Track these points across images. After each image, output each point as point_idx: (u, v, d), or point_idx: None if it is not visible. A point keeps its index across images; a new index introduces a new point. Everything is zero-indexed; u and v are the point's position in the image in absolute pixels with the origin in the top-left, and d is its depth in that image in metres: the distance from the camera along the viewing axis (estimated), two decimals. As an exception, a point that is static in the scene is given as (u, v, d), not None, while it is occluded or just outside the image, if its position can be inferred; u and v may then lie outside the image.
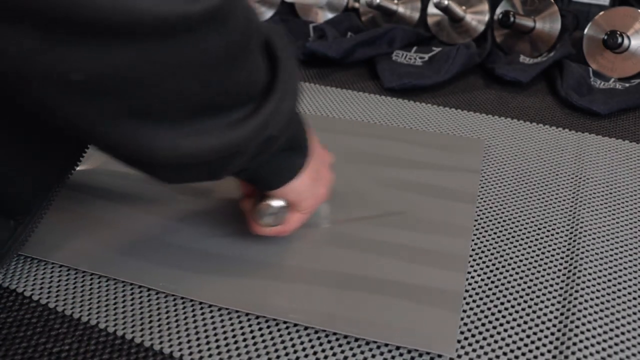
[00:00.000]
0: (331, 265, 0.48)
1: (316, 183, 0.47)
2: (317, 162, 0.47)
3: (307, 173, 0.45)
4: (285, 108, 0.38)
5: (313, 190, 0.47)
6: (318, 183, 0.47)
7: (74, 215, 0.54)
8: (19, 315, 0.44)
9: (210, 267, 0.48)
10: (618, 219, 0.55)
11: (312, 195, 0.47)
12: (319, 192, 0.48)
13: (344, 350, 0.42)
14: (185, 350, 0.41)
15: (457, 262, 0.49)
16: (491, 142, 0.69)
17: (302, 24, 1.02)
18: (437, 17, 0.97)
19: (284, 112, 0.38)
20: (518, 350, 0.42)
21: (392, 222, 0.54)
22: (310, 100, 0.78)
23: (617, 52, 0.84)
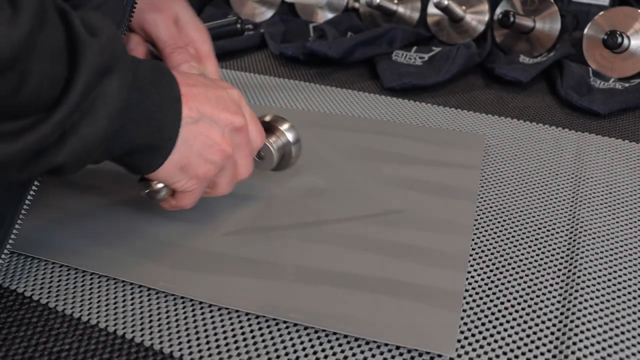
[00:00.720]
0: (331, 264, 0.48)
1: (187, 168, 0.45)
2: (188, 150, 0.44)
3: (169, 166, 0.44)
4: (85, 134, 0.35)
5: (184, 175, 0.45)
6: (191, 167, 0.45)
7: (73, 215, 0.54)
8: (19, 314, 0.44)
9: (210, 267, 0.48)
10: (618, 219, 0.55)
11: (184, 179, 0.46)
12: (196, 174, 0.46)
13: (344, 350, 0.42)
14: (185, 350, 0.41)
15: (457, 261, 0.49)
16: (491, 142, 0.69)
17: (302, 24, 1.02)
18: (437, 17, 0.97)
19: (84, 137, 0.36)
20: (518, 350, 0.42)
21: (391, 221, 0.54)
22: (310, 100, 0.78)
23: (617, 52, 0.84)
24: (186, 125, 0.44)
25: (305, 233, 0.52)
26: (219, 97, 0.47)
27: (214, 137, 0.45)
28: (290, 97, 0.79)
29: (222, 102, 0.47)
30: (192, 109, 0.44)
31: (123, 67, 0.38)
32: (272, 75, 0.87)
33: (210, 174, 0.47)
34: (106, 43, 0.36)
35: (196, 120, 0.44)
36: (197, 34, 0.58)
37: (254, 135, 0.50)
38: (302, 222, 0.54)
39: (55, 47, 0.33)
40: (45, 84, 0.33)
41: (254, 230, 0.52)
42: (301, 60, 0.90)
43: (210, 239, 0.51)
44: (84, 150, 0.36)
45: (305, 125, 0.70)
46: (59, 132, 0.35)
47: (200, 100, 0.45)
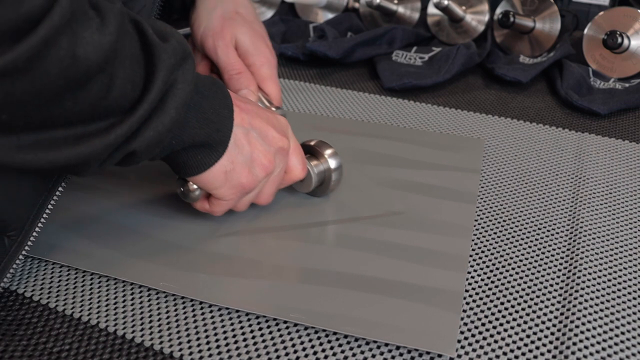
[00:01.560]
0: (331, 265, 0.48)
1: (231, 175, 0.47)
2: (237, 156, 0.46)
3: (217, 167, 0.46)
4: (157, 123, 0.39)
5: (226, 181, 0.47)
6: (234, 174, 0.47)
7: (74, 215, 0.54)
8: (19, 314, 0.44)
9: (210, 267, 0.48)
10: (618, 219, 0.55)
11: (226, 186, 0.47)
12: (237, 182, 0.47)
13: (344, 350, 0.42)
14: (185, 350, 0.41)
15: (457, 262, 0.49)
16: (491, 142, 0.69)
17: (302, 24, 1.02)
18: (437, 17, 0.97)
19: (155, 128, 0.39)
20: (518, 350, 0.42)
21: (392, 222, 0.54)
22: (310, 100, 0.78)
23: (617, 52, 0.84)
24: (238, 132, 0.46)
25: (305, 234, 0.52)
26: (268, 117, 0.50)
27: (261, 151, 0.48)
28: (290, 98, 0.79)
29: (271, 122, 0.49)
30: (244, 120, 0.47)
31: (189, 67, 0.41)
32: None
33: (249, 186, 0.48)
34: (177, 46, 0.40)
35: (247, 130, 0.47)
36: (255, 58, 0.61)
37: (295, 165, 0.52)
38: (302, 223, 0.54)
39: (133, 54, 0.38)
40: (128, 86, 0.37)
41: (254, 231, 0.52)
42: (301, 60, 0.90)
43: (210, 239, 0.51)
44: (154, 139, 0.40)
45: (306, 129, 0.70)
46: (138, 126, 0.39)
47: (251, 115, 0.48)
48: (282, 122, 0.51)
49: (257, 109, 0.49)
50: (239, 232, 0.52)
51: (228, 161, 0.46)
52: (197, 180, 0.47)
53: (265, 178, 0.49)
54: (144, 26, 0.39)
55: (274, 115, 0.51)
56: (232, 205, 0.50)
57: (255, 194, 0.50)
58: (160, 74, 0.38)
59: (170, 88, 0.40)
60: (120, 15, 0.36)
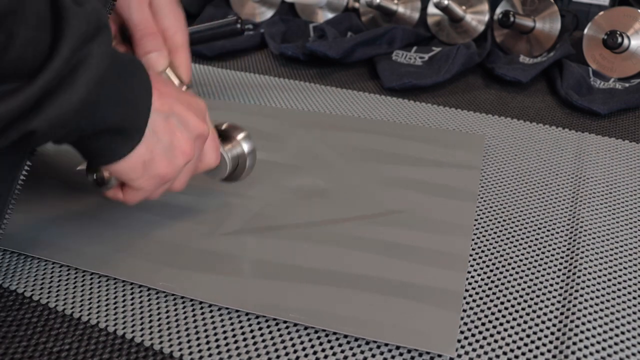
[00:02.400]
0: (331, 264, 0.48)
1: (150, 165, 0.44)
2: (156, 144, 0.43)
3: (134, 157, 0.42)
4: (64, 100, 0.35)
5: (145, 172, 0.44)
6: (153, 164, 0.44)
7: (73, 215, 0.54)
8: (19, 314, 0.44)
9: (210, 267, 0.48)
10: (618, 219, 0.55)
11: (144, 177, 0.44)
12: (156, 173, 0.44)
13: (344, 350, 0.42)
14: (185, 350, 0.41)
15: (457, 261, 0.49)
16: (491, 142, 0.69)
17: (302, 24, 1.02)
18: (437, 17, 0.97)
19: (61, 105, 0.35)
20: (518, 350, 0.42)
21: (391, 221, 0.54)
22: (310, 100, 0.78)
23: (617, 52, 0.84)
24: (156, 118, 0.43)
25: (305, 233, 0.52)
26: (189, 102, 0.46)
27: (181, 138, 0.45)
28: (290, 97, 0.79)
29: (192, 107, 0.46)
30: (164, 104, 0.43)
31: (105, 39, 0.37)
32: (272, 75, 0.87)
33: (169, 176, 0.46)
34: (91, 12, 0.36)
35: (167, 116, 0.44)
36: (171, 21, 0.54)
37: (209, 152, 0.49)
38: (302, 222, 0.54)
39: (39, 14, 0.33)
40: (29, 49, 0.33)
41: (254, 231, 0.52)
42: (301, 60, 0.90)
43: (210, 239, 0.51)
44: (59, 118, 0.36)
45: (305, 126, 0.70)
46: (37, 98, 0.34)
47: (171, 99, 0.44)
48: (201, 107, 0.48)
49: (177, 92, 0.46)
50: (239, 231, 0.52)
51: (146, 150, 0.43)
52: (112, 169, 0.43)
53: (184, 166, 0.46)
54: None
55: (193, 98, 0.48)
56: (147, 195, 0.47)
57: (172, 182, 0.48)
58: (67, 41, 0.34)
59: (81, 61, 0.35)
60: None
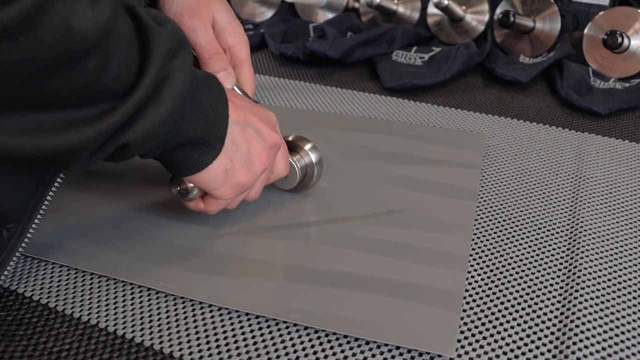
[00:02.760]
0: (331, 264, 0.48)
1: (231, 173, 0.46)
2: (235, 153, 0.45)
3: (216, 166, 0.45)
4: (154, 113, 0.38)
5: (226, 181, 0.46)
6: (234, 173, 0.46)
7: (74, 215, 0.54)
8: (19, 314, 0.44)
9: (210, 267, 0.48)
10: (618, 219, 0.55)
11: (226, 185, 0.46)
12: (237, 181, 0.46)
13: (343, 350, 0.42)
14: (185, 350, 0.41)
15: (457, 261, 0.49)
16: (491, 142, 0.69)
17: (302, 24, 1.02)
18: (437, 17, 0.97)
19: (151, 118, 0.38)
20: (518, 350, 0.42)
21: (391, 220, 0.54)
22: (310, 100, 0.78)
23: (617, 52, 0.84)
24: (234, 128, 0.45)
25: (305, 233, 0.52)
26: (261, 113, 0.49)
27: (257, 148, 0.47)
28: (290, 97, 0.79)
29: (264, 119, 0.49)
30: (240, 116, 0.46)
31: (186, 55, 0.40)
32: (272, 75, 0.87)
33: (248, 184, 0.48)
34: (173, 31, 0.39)
35: (243, 126, 0.46)
36: (234, 38, 0.57)
37: (281, 162, 0.51)
38: (301, 222, 0.54)
39: (128, 36, 0.36)
40: (123, 69, 0.35)
41: (254, 231, 0.52)
42: (301, 60, 0.90)
43: (210, 239, 0.51)
44: (150, 130, 0.38)
45: (305, 125, 0.70)
46: (131, 114, 0.37)
47: (246, 110, 0.47)
48: (273, 118, 0.51)
49: (250, 104, 0.48)
50: (239, 232, 0.52)
51: (227, 159, 0.45)
52: (194, 179, 0.45)
53: (262, 174, 0.49)
54: (137, 10, 0.37)
55: (265, 110, 0.50)
56: (227, 204, 0.49)
57: (249, 191, 0.50)
58: (155, 59, 0.37)
59: (166, 76, 0.38)
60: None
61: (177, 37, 0.39)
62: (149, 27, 0.37)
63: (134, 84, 0.37)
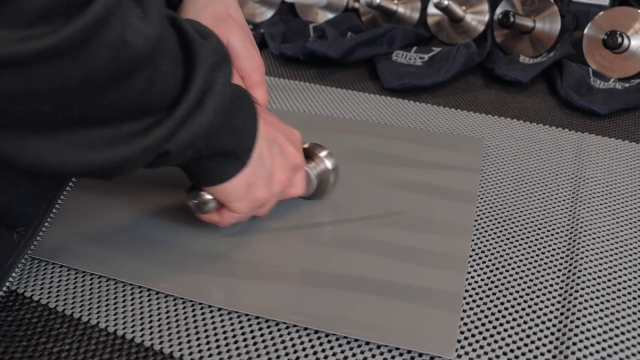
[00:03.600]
0: (330, 266, 0.48)
1: (252, 188, 0.46)
2: (260, 169, 0.46)
3: (240, 179, 0.45)
4: (195, 125, 0.38)
5: (246, 195, 0.46)
6: (255, 188, 0.46)
7: (74, 216, 0.54)
8: (19, 314, 0.44)
9: (210, 268, 0.48)
10: (618, 219, 0.55)
11: (244, 199, 0.46)
12: (256, 197, 0.46)
13: (344, 350, 0.42)
14: (185, 350, 0.41)
15: (457, 262, 0.49)
16: (491, 142, 0.69)
17: (302, 24, 1.02)
18: (437, 17, 0.97)
19: (191, 129, 0.38)
20: (518, 350, 0.42)
21: (391, 223, 0.54)
22: (310, 101, 0.78)
23: (617, 52, 0.84)
24: (262, 144, 0.45)
25: (304, 235, 0.52)
26: (287, 131, 0.49)
27: (280, 166, 0.47)
28: (290, 98, 0.79)
29: (289, 137, 0.49)
30: (269, 132, 0.46)
31: (228, 69, 0.40)
32: (272, 75, 0.87)
33: (264, 201, 0.48)
34: (216, 44, 0.39)
35: (270, 143, 0.46)
36: (247, 62, 0.57)
37: (298, 183, 0.51)
38: (301, 224, 0.54)
39: (174, 49, 0.36)
40: (170, 82, 0.36)
41: (254, 232, 0.52)
42: (301, 60, 0.90)
43: (210, 241, 0.51)
44: (189, 140, 0.38)
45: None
46: (176, 127, 0.37)
47: (274, 128, 0.47)
48: (297, 137, 0.51)
49: (277, 121, 0.49)
50: (239, 233, 0.52)
51: (251, 173, 0.45)
52: (216, 190, 0.45)
53: (279, 193, 0.48)
54: (181, 22, 0.37)
55: (291, 129, 0.50)
56: (241, 218, 0.49)
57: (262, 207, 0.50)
58: (200, 72, 0.37)
59: (209, 88, 0.38)
60: (161, 7, 0.34)
61: (220, 51, 0.39)
62: (194, 40, 0.37)
63: (179, 96, 0.37)
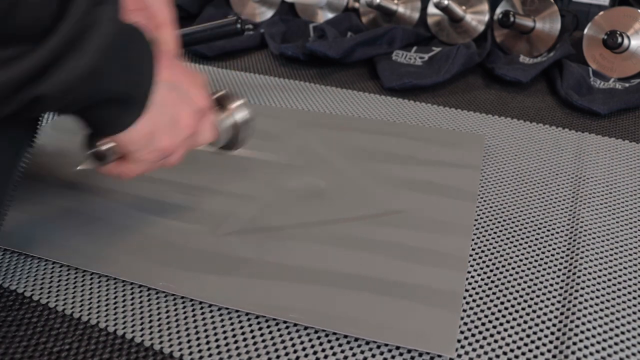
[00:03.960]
0: (331, 265, 0.48)
1: (154, 136, 0.42)
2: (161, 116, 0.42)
3: (141, 127, 0.41)
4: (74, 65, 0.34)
5: (149, 144, 0.43)
6: (158, 136, 0.43)
7: (74, 215, 0.54)
8: (19, 314, 0.44)
9: (210, 267, 0.48)
10: (618, 219, 0.55)
11: (147, 149, 0.43)
12: (160, 146, 0.43)
13: (344, 350, 0.42)
14: (185, 350, 0.41)
15: (457, 261, 0.49)
16: (491, 142, 0.69)
17: (302, 24, 1.02)
18: (437, 17, 0.97)
19: (70, 70, 0.34)
20: (518, 350, 0.42)
21: (391, 221, 0.54)
22: (310, 100, 0.78)
23: (617, 52, 0.84)
24: (162, 88, 0.42)
25: (305, 233, 0.52)
26: (193, 75, 0.46)
27: (185, 111, 0.44)
28: (290, 97, 0.79)
29: (194, 79, 0.45)
30: (169, 76, 0.42)
31: (113, 4, 0.36)
32: (272, 75, 0.87)
33: (169, 150, 0.44)
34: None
35: (172, 87, 0.43)
36: None
37: (206, 129, 0.48)
38: (301, 223, 0.54)
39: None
40: (38, 8, 0.32)
41: (254, 231, 0.52)
42: (301, 60, 0.90)
43: (210, 239, 0.51)
44: (68, 84, 0.34)
45: (305, 125, 0.70)
46: (47, 62, 0.33)
47: (177, 71, 0.44)
48: (202, 80, 0.47)
49: (180, 65, 0.45)
50: (239, 232, 0.52)
51: (151, 121, 0.41)
52: (116, 139, 0.41)
53: (185, 140, 0.45)
54: None
55: (195, 72, 0.47)
56: (145, 169, 0.45)
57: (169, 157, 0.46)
58: (78, 2, 0.33)
59: (90, 25, 0.34)
60: None
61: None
62: None
63: (52, 26, 0.33)
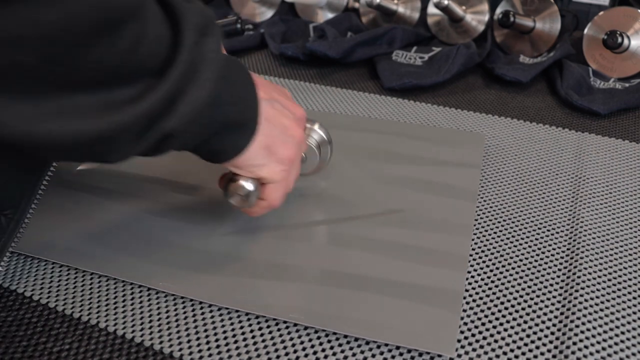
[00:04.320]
0: (331, 265, 0.48)
1: (272, 149, 0.44)
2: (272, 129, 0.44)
3: (256, 145, 0.43)
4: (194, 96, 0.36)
5: (270, 157, 0.45)
6: (275, 148, 0.45)
7: (74, 215, 0.54)
8: (19, 314, 0.44)
9: (210, 267, 0.48)
10: (618, 219, 0.55)
11: (272, 162, 0.45)
12: (281, 157, 0.45)
13: (344, 350, 0.42)
14: (185, 350, 0.41)
15: (457, 261, 0.49)
16: (491, 142, 0.69)
17: (302, 24, 1.02)
18: (437, 17, 0.97)
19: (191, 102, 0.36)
20: (518, 350, 0.42)
21: (391, 221, 0.54)
22: (311, 100, 0.78)
23: (617, 52, 0.84)
24: (264, 106, 0.44)
25: (305, 233, 0.52)
26: (281, 89, 0.49)
27: (289, 120, 0.46)
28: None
29: (285, 94, 0.49)
30: (266, 93, 0.45)
31: (216, 32, 0.38)
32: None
33: (292, 157, 0.46)
34: (200, 8, 0.38)
35: (270, 102, 0.45)
36: None
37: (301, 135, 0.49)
38: (301, 222, 0.54)
39: (157, 12, 0.35)
40: (157, 44, 0.34)
41: (254, 230, 0.52)
42: (301, 60, 0.90)
43: (210, 239, 0.51)
44: (192, 115, 0.36)
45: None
46: (171, 96, 0.35)
47: (268, 87, 0.47)
48: (288, 93, 0.50)
49: (267, 81, 0.48)
50: (239, 231, 0.52)
51: (264, 136, 0.43)
52: (237, 163, 0.43)
53: (300, 147, 0.47)
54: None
55: (278, 85, 0.50)
56: (285, 186, 0.47)
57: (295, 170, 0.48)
58: (188, 34, 0.35)
59: (201, 56, 0.36)
60: None
61: (205, 14, 0.38)
62: (175, 4, 0.36)
63: (170, 59, 0.35)
